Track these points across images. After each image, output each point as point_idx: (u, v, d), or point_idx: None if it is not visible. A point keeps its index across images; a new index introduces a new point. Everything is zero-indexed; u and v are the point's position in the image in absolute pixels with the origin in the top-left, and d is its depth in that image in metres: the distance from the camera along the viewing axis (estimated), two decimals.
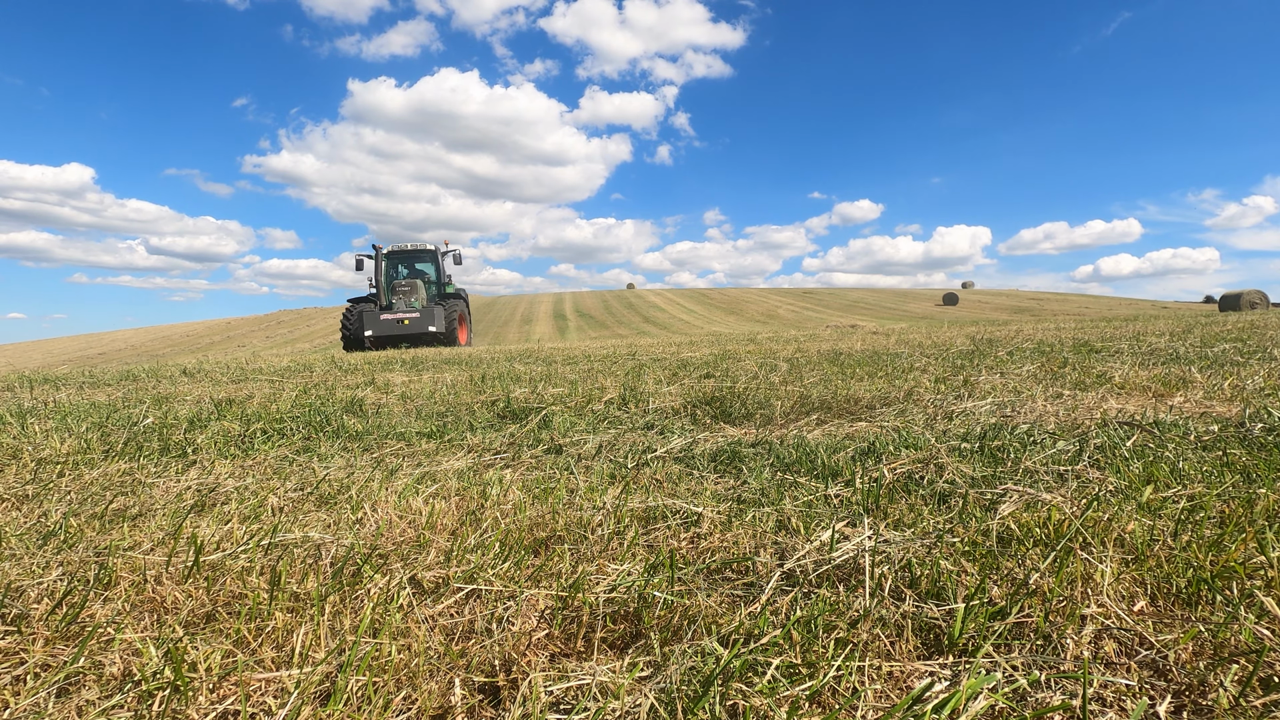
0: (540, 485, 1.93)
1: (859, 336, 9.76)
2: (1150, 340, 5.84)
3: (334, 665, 1.03)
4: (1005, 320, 21.31)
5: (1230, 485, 1.63)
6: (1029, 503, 1.57)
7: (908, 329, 12.48)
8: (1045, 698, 0.91)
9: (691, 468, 2.14)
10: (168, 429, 3.00)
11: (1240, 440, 2.09)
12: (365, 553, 1.41)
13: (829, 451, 2.18)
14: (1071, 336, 6.87)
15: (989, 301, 63.97)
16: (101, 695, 0.98)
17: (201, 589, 1.27)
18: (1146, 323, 9.74)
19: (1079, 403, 2.83)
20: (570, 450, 2.46)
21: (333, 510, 1.75)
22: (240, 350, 39.87)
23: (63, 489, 2.03)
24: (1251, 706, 0.87)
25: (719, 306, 67.18)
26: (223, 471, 2.23)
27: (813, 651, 1.02)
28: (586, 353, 8.14)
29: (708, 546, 1.46)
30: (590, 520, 1.60)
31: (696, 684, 0.94)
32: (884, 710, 0.89)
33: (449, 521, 1.63)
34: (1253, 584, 1.14)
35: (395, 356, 8.80)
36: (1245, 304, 30.85)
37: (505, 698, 0.98)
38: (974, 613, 1.08)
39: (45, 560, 1.42)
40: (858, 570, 1.27)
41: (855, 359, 5.34)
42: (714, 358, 6.18)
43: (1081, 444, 2.10)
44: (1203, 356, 4.33)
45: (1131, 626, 1.05)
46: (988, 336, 7.57)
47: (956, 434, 2.37)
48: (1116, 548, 1.31)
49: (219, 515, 1.72)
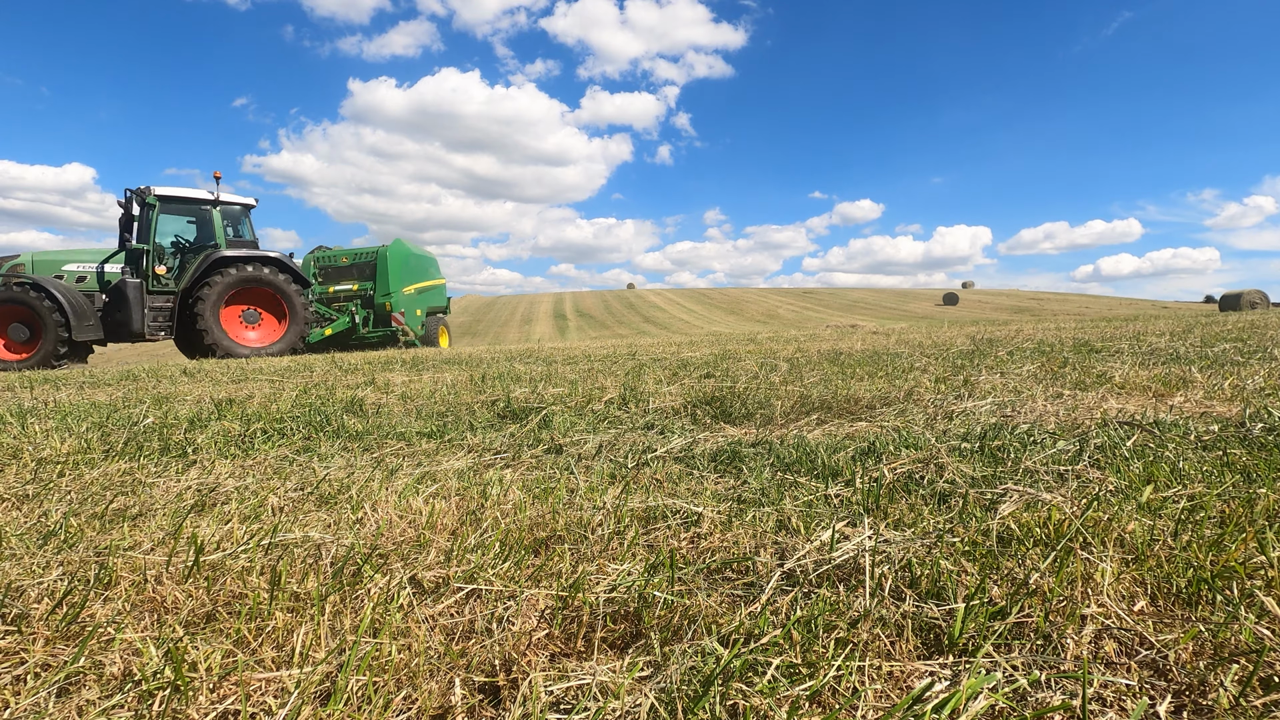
0: (540, 485, 1.93)
1: (859, 336, 9.76)
2: (1150, 340, 5.84)
3: (334, 665, 1.03)
4: (1005, 320, 21.30)
5: (1230, 485, 1.63)
6: (1029, 502, 1.57)
7: (908, 329, 12.48)
8: (1045, 698, 0.91)
9: (691, 467, 2.14)
10: (168, 429, 3.00)
11: (1240, 440, 2.09)
12: (365, 552, 1.41)
13: (829, 451, 2.18)
14: (1071, 336, 6.87)
15: (989, 301, 63.96)
16: (101, 695, 0.98)
17: (202, 589, 1.27)
18: (1146, 322, 9.74)
19: (1079, 402, 2.83)
20: (570, 450, 2.46)
21: (333, 510, 1.75)
22: None
23: (63, 489, 2.03)
24: (1251, 706, 0.87)
25: (719, 306, 67.18)
26: (223, 471, 2.23)
27: (813, 651, 1.02)
28: (586, 353, 8.14)
29: (708, 546, 1.46)
30: (590, 520, 1.60)
31: (696, 684, 0.94)
32: (884, 710, 0.89)
33: (449, 521, 1.63)
34: (1253, 584, 1.14)
35: (395, 356, 8.80)
36: (1245, 304, 30.85)
37: (505, 697, 0.98)
38: (974, 612, 1.08)
39: (45, 560, 1.42)
40: (858, 570, 1.27)
41: (855, 359, 5.34)
42: (714, 357, 6.18)
43: (1081, 444, 2.10)
44: (1203, 356, 4.33)
45: (1131, 626, 1.05)
46: (988, 336, 7.56)
47: (957, 434, 2.37)
48: (1117, 547, 1.31)
49: (219, 515, 1.72)
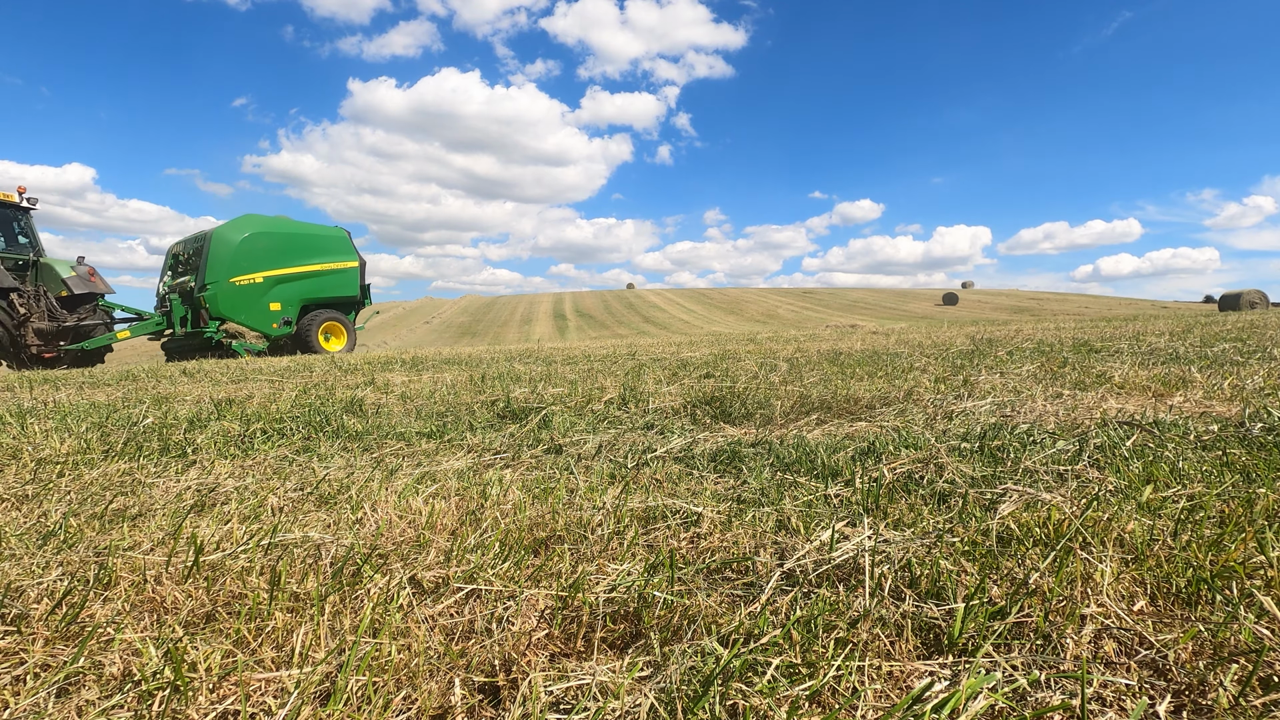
0: (540, 485, 1.93)
1: (859, 336, 9.76)
2: (1150, 340, 5.84)
3: (334, 665, 1.03)
4: (1005, 320, 21.30)
5: (1230, 485, 1.63)
6: (1029, 502, 1.57)
7: (907, 329, 12.48)
8: (1045, 697, 0.91)
9: (691, 468, 2.14)
10: (167, 429, 3.00)
11: (1240, 440, 2.09)
12: (365, 553, 1.41)
13: (829, 451, 2.18)
14: (1071, 336, 6.87)
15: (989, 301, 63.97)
16: (101, 695, 0.98)
17: (201, 589, 1.27)
18: (1146, 322, 9.74)
19: (1079, 402, 2.83)
20: (570, 450, 2.46)
21: (333, 510, 1.75)
22: None
23: (62, 489, 2.03)
24: (1251, 706, 0.87)
25: (719, 306, 67.19)
26: (223, 471, 2.23)
27: (813, 651, 1.02)
28: (586, 353, 8.13)
29: (708, 546, 1.46)
30: (590, 520, 1.60)
31: (696, 684, 0.94)
32: (884, 710, 0.89)
33: (449, 521, 1.63)
34: (1252, 584, 1.14)
35: (395, 356, 8.80)
36: (1245, 304, 30.86)
37: (505, 698, 0.98)
38: (974, 612, 1.08)
39: (45, 560, 1.42)
40: (858, 570, 1.27)
41: (855, 359, 5.34)
42: (714, 357, 6.18)
43: (1081, 444, 2.10)
44: (1202, 356, 4.33)
45: (1131, 626, 1.05)
46: (987, 336, 7.57)
47: (956, 434, 2.37)
48: (1116, 547, 1.31)
49: (219, 515, 1.72)
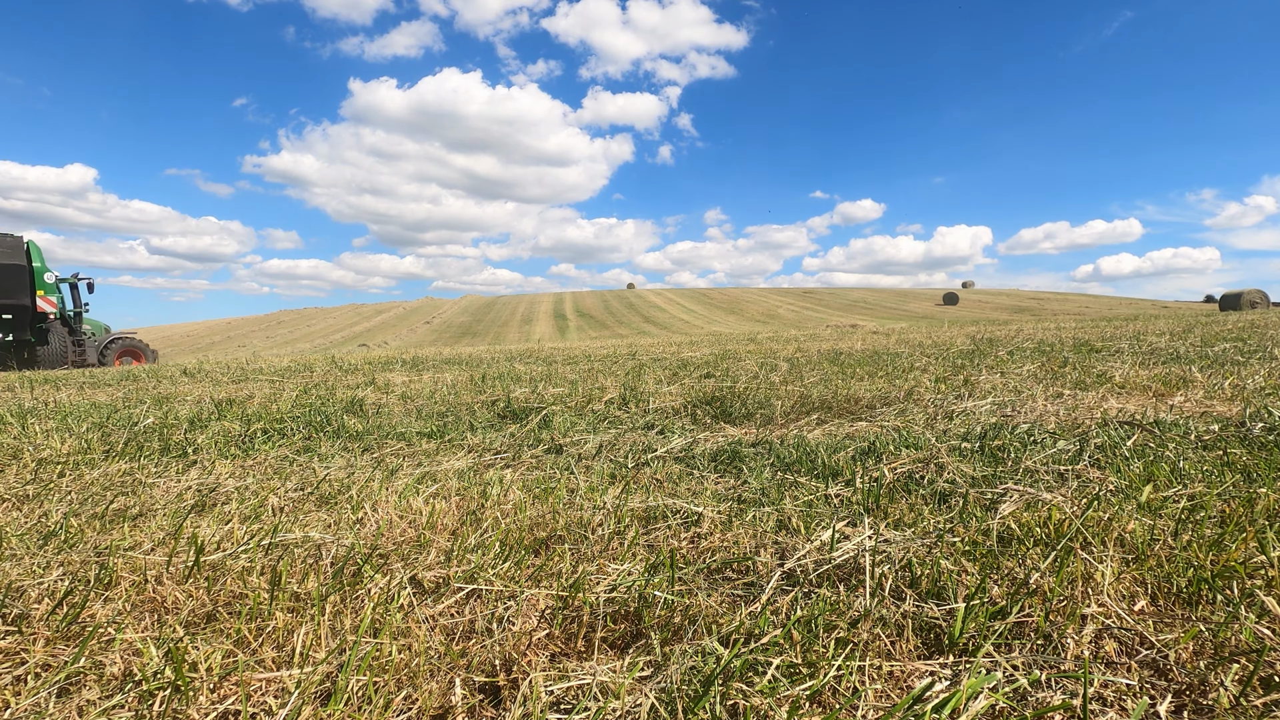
0: (540, 485, 1.93)
1: (859, 336, 9.75)
2: (1150, 340, 5.83)
3: (334, 665, 1.03)
4: (1005, 320, 21.29)
5: (1231, 485, 1.63)
6: (1029, 502, 1.57)
7: (908, 329, 12.47)
8: (1045, 697, 0.91)
9: (692, 467, 2.14)
10: (168, 429, 3.00)
11: (1241, 440, 2.09)
12: (366, 553, 1.41)
13: (829, 451, 2.18)
14: (1072, 336, 6.87)
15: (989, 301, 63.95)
16: (102, 695, 0.98)
17: (202, 589, 1.27)
18: (1147, 322, 9.73)
19: (1079, 402, 2.83)
20: (570, 450, 2.46)
21: (333, 510, 1.75)
22: (240, 350, 39.89)
23: (63, 489, 2.03)
24: (1252, 706, 0.87)
25: (719, 306, 67.19)
26: (223, 471, 2.23)
27: (813, 651, 1.02)
28: (587, 353, 8.13)
29: (708, 546, 1.46)
30: (590, 520, 1.60)
31: (697, 684, 0.94)
32: (884, 710, 0.89)
33: (449, 521, 1.63)
34: (1253, 583, 1.14)
35: (395, 356, 8.80)
36: (1246, 303, 30.82)
37: (506, 697, 0.98)
38: (974, 612, 1.08)
39: (46, 560, 1.42)
40: (858, 570, 1.27)
41: (855, 359, 5.33)
42: (714, 357, 6.18)
43: (1082, 444, 2.10)
44: (1203, 356, 4.33)
45: (1132, 626, 1.05)
46: (988, 336, 7.56)
47: (957, 434, 2.37)
48: (1117, 547, 1.31)
49: (219, 515, 1.72)
